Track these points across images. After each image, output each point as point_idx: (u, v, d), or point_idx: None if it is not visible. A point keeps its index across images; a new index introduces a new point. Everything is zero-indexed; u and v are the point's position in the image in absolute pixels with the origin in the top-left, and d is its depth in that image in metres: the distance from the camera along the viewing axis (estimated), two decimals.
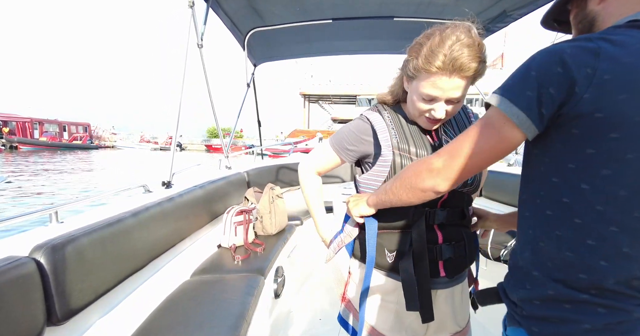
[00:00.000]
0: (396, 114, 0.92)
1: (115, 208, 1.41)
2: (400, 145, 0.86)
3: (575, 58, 0.48)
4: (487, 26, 2.50)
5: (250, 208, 2.20)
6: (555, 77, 0.49)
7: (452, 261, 0.90)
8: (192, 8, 1.98)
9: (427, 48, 0.75)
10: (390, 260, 0.89)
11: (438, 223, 0.88)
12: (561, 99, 0.49)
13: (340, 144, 0.95)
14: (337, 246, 0.98)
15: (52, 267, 0.97)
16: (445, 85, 0.76)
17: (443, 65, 0.73)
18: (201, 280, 1.63)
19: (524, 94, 0.51)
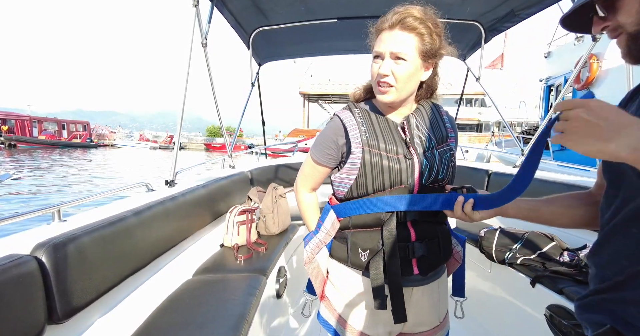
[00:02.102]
0: (367, 110, 0.93)
1: (117, 206, 1.39)
2: (370, 142, 0.86)
3: None
4: (495, 26, 2.49)
5: (253, 208, 2.18)
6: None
7: (425, 259, 0.90)
8: (196, 7, 1.96)
9: (381, 19, 0.84)
10: (364, 259, 0.90)
11: (410, 219, 0.88)
12: None
13: (320, 153, 0.94)
14: (315, 246, 0.97)
15: (54, 265, 0.95)
16: (387, 38, 0.82)
17: (386, 23, 0.82)
18: (203, 279, 1.62)
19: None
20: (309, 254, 0.97)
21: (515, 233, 1.82)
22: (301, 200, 1.05)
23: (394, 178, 0.85)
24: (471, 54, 3.03)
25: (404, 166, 0.86)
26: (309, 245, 0.98)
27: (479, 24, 2.49)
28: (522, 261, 1.66)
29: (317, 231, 0.98)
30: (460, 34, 2.69)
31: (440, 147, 0.91)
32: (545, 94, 8.78)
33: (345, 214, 0.93)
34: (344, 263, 0.95)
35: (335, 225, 0.96)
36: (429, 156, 0.89)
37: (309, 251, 0.97)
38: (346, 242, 0.93)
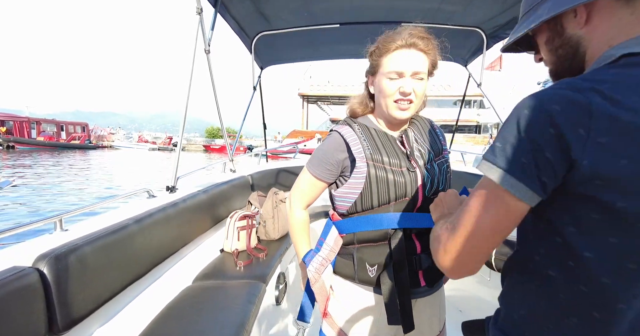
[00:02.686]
0: (366, 125, 0.93)
1: (119, 214, 1.39)
2: (374, 156, 0.87)
3: (566, 116, 0.42)
4: (496, 33, 2.50)
5: (253, 213, 2.18)
6: (549, 139, 0.43)
7: (431, 270, 0.91)
8: (200, 15, 1.96)
9: (383, 38, 0.86)
10: (372, 274, 0.90)
11: (416, 232, 0.89)
12: (560, 165, 0.44)
13: (319, 167, 0.93)
14: (320, 265, 0.95)
15: (55, 277, 0.96)
16: (407, 56, 0.84)
17: (401, 41, 0.83)
18: (202, 286, 1.62)
19: (519, 162, 0.44)
20: (313, 273, 0.95)
21: (514, 241, 1.82)
22: (295, 218, 1.02)
23: (399, 191, 0.86)
24: (473, 60, 3.05)
25: (408, 179, 0.87)
26: (312, 264, 0.95)
27: (481, 30, 2.50)
28: None
29: (318, 249, 0.97)
30: (462, 40, 2.70)
31: (437, 159, 0.95)
32: None
33: (349, 230, 0.92)
34: (349, 280, 0.95)
35: (339, 242, 0.95)
36: (429, 168, 0.91)
37: (313, 270, 0.95)
38: (352, 258, 0.92)
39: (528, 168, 0.44)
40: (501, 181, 0.46)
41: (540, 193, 0.45)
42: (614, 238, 0.44)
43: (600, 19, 0.49)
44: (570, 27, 0.52)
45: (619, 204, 0.42)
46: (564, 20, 0.52)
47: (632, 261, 0.44)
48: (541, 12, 0.51)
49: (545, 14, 0.50)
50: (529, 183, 0.45)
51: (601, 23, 0.49)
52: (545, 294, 0.51)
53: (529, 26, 0.52)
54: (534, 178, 0.44)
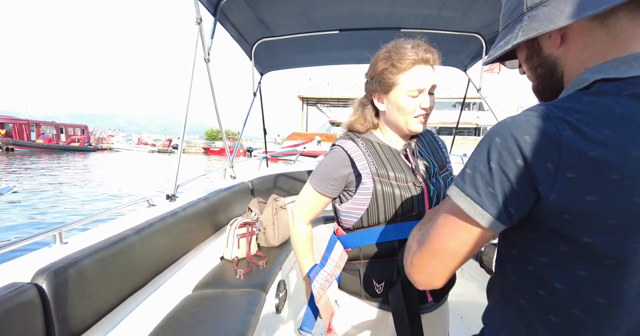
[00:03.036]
0: (369, 140, 0.92)
1: (118, 225, 1.39)
2: (379, 171, 0.86)
3: (535, 149, 0.41)
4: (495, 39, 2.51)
5: (253, 220, 2.17)
6: (516, 172, 0.42)
7: None
8: (199, 24, 1.96)
9: (394, 56, 0.83)
10: (379, 291, 0.89)
11: None
12: (526, 197, 0.43)
13: (322, 182, 0.92)
14: (325, 281, 0.94)
15: (54, 292, 0.95)
16: (424, 73, 0.84)
17: (416, 57, 0.82)
18: (202, 295, 1.61)
19: (486, 192, 0.44)
20: (318, 290, 0.93)
21: None
22: (298, 233, 1.00)
23: (405, 206, 0.85)
24: (472, 65, 3.06)
25: (414, 194, 0.86)
26: (317, 280, 0.94)
27: (480, 36, 2.51)
28: None
29: (323, 264, 0.96)
30: (462, 46, 2.71)
31: (442, 172, 0.94)
32: None
33: (354, 245, 0.91)
34: (356, 296, 0.93)
35: (344, 257, 0.94)
36: (435, 182, 0.90)
37: (318, 286, 0.94)
38: (358, 274, 0.91)
39: (495, 198, 0.44)
40: (468, 209, 0.46)
41: (507, 223, 0.45)
42: (583, 271, 0.43)
43: (574, 40, 0.47)
44: (547, 46, 0.51)
45: (585, 239, 0.42)
46: (540, 40, 0.51)
47: (601, 295, 0.43)
48: (516, 33, 0.50)
49: (519, 36, 0.49)
50: (495, 213, 0.45)
51: (576, 44, 0.47)
52: (520, 321, 0.51)
53: (505, 47, 0.50)
54: (500, 209, 0.44)
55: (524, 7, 0.49)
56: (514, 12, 0.51)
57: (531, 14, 0.48)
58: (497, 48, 0.53)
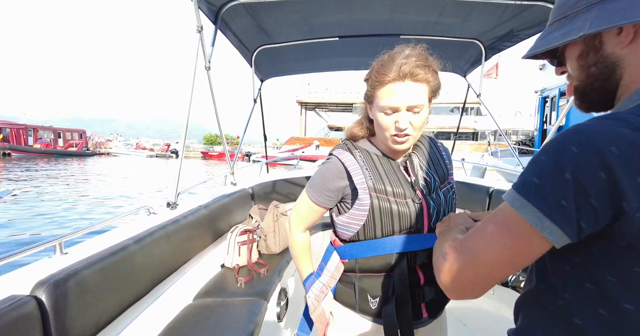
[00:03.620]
0: (367, 151, 0.89)
1: (118, 234, 1.37)
2: (377, 186, 0.83)
3: (624, 161, 0.37)
4: (495, 44, 2.53)
5: (254, 228, 2.16)
6: (596, 185, 0.38)
7: (434, 302, 0.89)
8: (200, 32, 1.96)
9: (377, 64, 0.80)
10: (374, 306, 0.88)
11: (420, 263, 0.86)
12: (604, 213, 0.39)
13: (318, 193, 0.90)
14: (320, 292, 0.92)
15: (54, 304, 0.93)
16: (401, 90, 0.77)
17: (394, 74, 0.76)
18: (203, 305, 1.59)
19: (558, 204, 0.40)
20: (313, 301, 0.92)
21: None
22: (295, 241, 0.99)
23: (403, 223, 0.83)
24: (472, 71, 3.08)
25: (413, 210, 0.84)
26: (312, 291, 0.93)
27: (479, 42, 2.53)
28: None
29: (319, 274, 0.94)
30: (461, 51, 2.73)
31: (443, 186, 0.91)
32: (540, 105, 8.91)
33: (351, 257, 0.90)
34: (350, 308, 0.92)
35: (340, 268, 0.92)
36: (435, 197, 0.87)
37: (313, 297, 0.93)
38: (354, 287, 0.90)
39: (567, 211, 0.40)
40: (535, 222, 0.42)
41: (574, 238, 0.42)
42: None
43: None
44: (611, 44, 0.46)
45: None
46: (604, 36, 0.47)
47: None
48: (581, 24, 0.45)
49: (587, 27, 0.44)
50: (564, 227, 0.41)
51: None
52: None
53: (565, 39, 0.46)
54: (572, 223, 0.40)
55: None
56: (578, 3, 0.47)
57: (604, 6, 0.44)
58: (551, 39, 0.49)
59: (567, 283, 0.47)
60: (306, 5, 2.04)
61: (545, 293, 0.51)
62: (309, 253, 1.01)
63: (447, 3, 1.97)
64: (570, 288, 0.47)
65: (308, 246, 1.01)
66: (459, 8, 2.04)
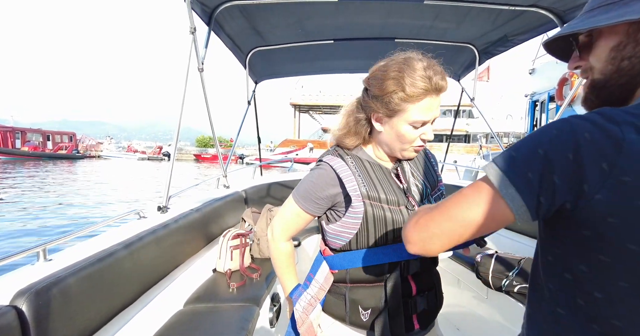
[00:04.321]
0: (358, 157, 0.87)
1: (106, 239, 1.33)
2: (370, 193, 0.81)
3: (591, 146, 0.40)
4: (488, 49, 2.55)
5: (247, 232, 2.13)
6: (563, 164, 0.41)
7: (425, 313, 0.88)
8: (193, 34, 1.93)
9: (407, 79, 0.74)
10: (365, 318, 0.85)
11: (412, 273, 0.85)
12: (564, 193, 0.42)
13: (306, 200, 0.86)
14: (308, 304, 0.88)
15: (35, 315, 0.89)
16: (433, 105, 0.78)
17: (428, 87, 0.75)
18: (194, 311, 1.55)
19: (525, 175, 0.43)
20: (301, 314, 0.88)
21: (511, 259, 1.81)
22: (279, 250, 0.93)
23: (397, 231, 0.82)
24: (465, 75, 3.10)
25: (407, 218, 0.81)
26: (300, 303, 0.88)
27: (473, 46, 2.55)
28: (519, 290, 1.64)
29: (307, 286, 0.91)
30: (455, 56, 2.75)
31: (434, 193, 0.91)
32: (530, 108, 9.07)
33: (341, 267, 0.87)
34: (340, 320, 0.89)
35: (329, 279, 0.89)
36: (427, 204, 0.87)
37: (300, 310, 0.88)
38: (344, 299, 0.87)
39: (531, 183, 0.43)
40: (500, 186, 0.45)
41: (533, 211, 0.44)
42: (623, 282, 0.42)
43: None
44: None
45: (630, 246, 0.40)
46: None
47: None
48: (637, 8, 0.44)
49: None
50: (524, 197, 0.44)
51: None
52: (559, 331, 0.49)
53: (622, 18, 0.44)
54: (532, 195, 0.43)
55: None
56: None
57: None
58: (601, 19, 0.47)
59: (551, 274, 0.50)
60: (301, 8, 2.03)
61: (538, 285, 0.53)
62: (293, 264, 0.96)
63: (442, 8, 1.98)
64: (553, 278, 0.49)
65: (292, 258, 0.96)
66: (454, 13, 2.05)
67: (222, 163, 2.86)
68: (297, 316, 0.88)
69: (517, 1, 1.85)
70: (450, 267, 2.12)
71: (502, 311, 1.81)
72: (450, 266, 2.12)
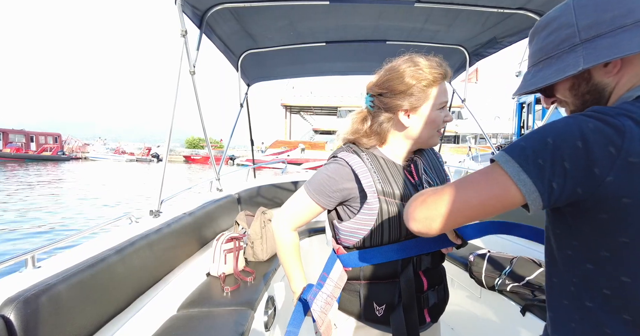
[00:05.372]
0: (373, 154, 0.89)
1: (97, 244, 1.30)
2: (385, 189, 0.83)
3: (597, 135, 0.44)
4: (478, 51, 2.59)
5: (240, 235, 2.11)
6: (572, 151, 0.44)
7: (436, 306, 0.92)
8: (184, 37, 1.91)
9: (423, 69, 0.83)
10: (380, 314, 0.87)
11: (423, 268, 0.88)
12: (576, 178, 0.45)
13: (320, 192, 0.87)
14: (326, 304, 0.88)
15: (23, 324, 0.86)
16: (446, 88, 0.88)
17: (442, 71, 0.85)
18: (188, 315, 1.53)
19: (536, 162, 0.46)
20: (319, 314, 0.87)
21: (503, 258, 1.84)
22: (286, 239, 0.93)
23: None
24: (456, 76, 3.15)
25: None
26: (317, 303, 0.88)
27: (464, 48, 2.59)
28: (511, 289, 1.67)
29: (321, 285, 0.91)
30: (446, 57, 2.76)
31: None
32: (517, 110, 9.25)
33: (355, 265, 0.88)
34: (354, 317, 0.91)
35: (344, 277, 0.90)
36: None
37: (318, 310, 0.87)
38: (358, 295, 0.88)
39: (543, 169, 0.46)
40: (512, 172, 0.48)
41: (545, 197, 0.46)
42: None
43: (629, 68, 0.52)
44: (599, 75, 0.54)
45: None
46: (592, 69, 0.54)
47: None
48: (574, 61, 0.52)
49: (582, 63, 0.51)
50: (537, 182, 0.46)
51: (629, 72, 0.52)
52: (590, 327, 0.50)
53: (564, 74, 0.53)
54: (544, 180, 0.46)
55: (577, 39, 0.53)
56: (560, 45, 0.55)
57: (589, 45, 0.51)
58: (549, 75, 0.56)
59: (573, 268, 0.51)
60: (293, 10, 2.03)
61: (560, 285, 0.55)
62: (300, 257, 0.97)
63: (432, 10, 2.01)
64: (577, 272, 0.50)
65: (298, 248, 0.96)
66: (444, 15, 2.08)
67: (215, 166, 2.83)
68: (316, 316, 0.88)
69: (506, 4, 1.89)
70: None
71: (495, 310, 1.84)
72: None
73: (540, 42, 0.58)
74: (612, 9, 0.50)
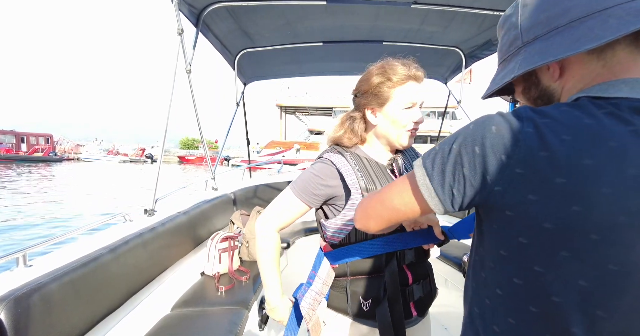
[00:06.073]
0: (357, 155, 0.92)
1: (91, 243, 1.29)
2: (369, 187, 0.86)
3: (495, 139, 0.42)
4: (474, 53, 2.62)
5: (235, 235, 2.10)
6: (471, 157, 0.44)
7: (422, 300, 0.93)
8: (181, 35, 1.90)
9: (389, 71, 0.86)
10: (366, 308, 0.88)
11: (407, 263, 0.90)
12: (473, 186, 0.44)
13: (305, 190, 0.89)
14: (314, 300, 0.90)
15: (14, 323, 0.85)
16: (417, 88, 0.88)
17: (408, 74, 0.86)
18: (182, 315, 1.52)
19: (440, 169, 0.47)
20: (307, 310, 0.89)
21: None
22: (267, 240, 0.91)
23: None
24: (452, 78, 3.17)
25: None
26: (305, 300, 0.90)
27: (460, 50, 2.61)
28: None
29: (310, 283, 0.93)
30: (442, 59, 2.80)
31: None
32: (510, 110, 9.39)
33: (341, 261, 0.90)
34: (342, 313, 0.92)
35: (331, 274, 0.92)
36: None
37: (306, 307, 0.89)
38: (345, 291, 0.90)
39: (443, 176, 0.47)
40: (419, 179, 0.50)
41: (447, 203, 0.48)
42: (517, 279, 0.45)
43: (571, 72, 0.48)
44: (545, 79, 0.52)
45: (521, 239, 0.43)
46: (538, 73, 0.52)
47: (532, 305, 0.44)
48: (513, 66, 0.50)
49: (517, 69, 0.49)
50: (437, 189, 0.47)
51: (572, 76, 0.48)
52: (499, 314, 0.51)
53: (504, 80, 0.51)
54: (445, 187, 0.47)
55: (520, 41, 0.50)
56: (510, 47, 0.52)
57: (528, 48, 0.48)
58: (496, 81, 0.54)
59: (481, 260, 0.52)
60: (290, 10, 2.03)
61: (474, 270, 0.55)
62: (279, 262, 0.95)
63: (429, 12, 2.02)
64: (484, 264, 0.52)
65: (279, 252, 0.95)
66: (440, 17, 2.10)
67: (210, 165, 2.81)
68: (304, 313, 0.89)
69: (502, 6, 1.91)
70: (438, 267, 2.15)
71: None
72: (437, 267, 2.15)
73: (500, 43, 0.56)
74: (548, 9, 0.46)
